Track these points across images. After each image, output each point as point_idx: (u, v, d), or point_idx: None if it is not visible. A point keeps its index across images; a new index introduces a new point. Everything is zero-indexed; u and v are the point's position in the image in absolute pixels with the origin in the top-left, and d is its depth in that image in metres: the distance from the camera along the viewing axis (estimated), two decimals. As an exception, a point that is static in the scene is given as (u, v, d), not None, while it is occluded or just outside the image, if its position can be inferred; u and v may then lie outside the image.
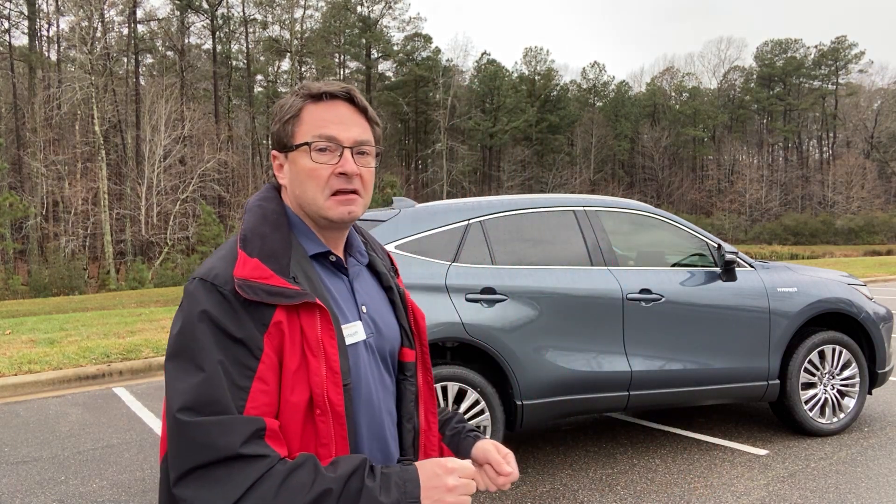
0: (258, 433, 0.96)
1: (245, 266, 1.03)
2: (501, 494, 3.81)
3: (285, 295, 1.01)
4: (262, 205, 1.15)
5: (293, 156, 1.14)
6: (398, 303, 1.28)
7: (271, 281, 1.02)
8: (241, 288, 1.00)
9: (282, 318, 1.01)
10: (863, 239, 54.44)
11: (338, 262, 1.17)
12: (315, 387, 1.02)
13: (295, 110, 1.14)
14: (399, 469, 1.03)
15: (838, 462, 4.17)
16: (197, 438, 0.94)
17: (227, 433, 0.94)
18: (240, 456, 0.93)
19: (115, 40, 42.26)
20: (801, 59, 70.64)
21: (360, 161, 1.14)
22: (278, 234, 1.10)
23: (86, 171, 35.77)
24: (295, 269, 1.07)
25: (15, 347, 8.56)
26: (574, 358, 4.03)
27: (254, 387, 0.98)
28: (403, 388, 1.23)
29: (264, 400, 0.99)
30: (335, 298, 1.13)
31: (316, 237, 1.16)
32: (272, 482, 0.94)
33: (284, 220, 1.13)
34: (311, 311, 1.04)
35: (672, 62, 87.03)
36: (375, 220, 4.07)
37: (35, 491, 4.11)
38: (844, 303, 4.70)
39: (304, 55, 49.67)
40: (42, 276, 28.04)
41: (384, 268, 1.30)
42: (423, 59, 58.71)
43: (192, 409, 0.95)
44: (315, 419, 1.02)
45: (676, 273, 4.44)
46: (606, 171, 68.18)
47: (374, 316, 1.19)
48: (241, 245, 1.06)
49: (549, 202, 4.40)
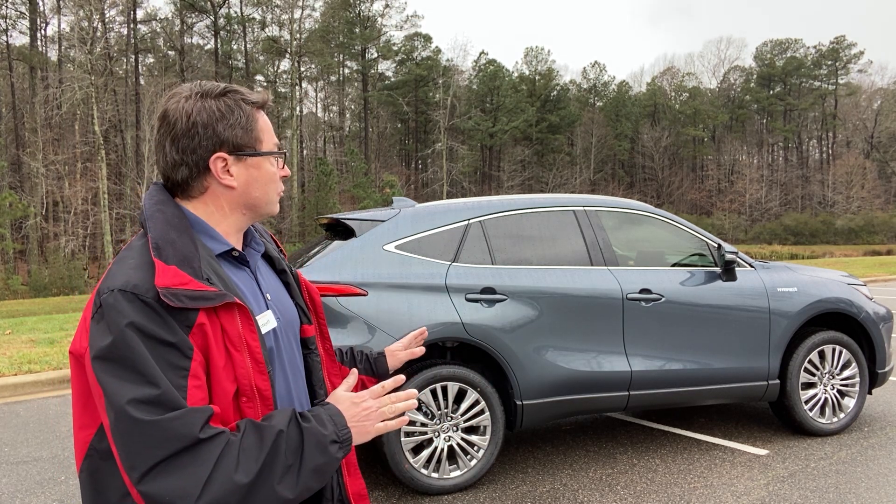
0: (209, 419, 1.04)
1: (165, 275, 1.06)
2: (501, 494, 3.82)
3: (206, 298, 1.07)
4: (162, 209, 1.17)
5: (256, 161, 1.21)
6: (292, 283, 1.38)
7: (191, 286, 1.06)
8: (166, 297, 1.04)
9: (204, 320, 1.07)
10: (863, 239, 54.44)
11: (240, 256, 1.24)
12: (242, 378, 1.10)
13: (252, 117, 1.21)
14: (323, 408, 1.15)
15: (838, 462, 4.17)
16: (157, 435, 0.99)
17: (186, 425, 1.00)
18: (199, 440, 1.00)
19: (115, 40, 42.25)
20: (801, 59, 70.66)
21: None
22: (185, 238, 1.13)
23: (86, 170, 35.78)
24: (206, 271, 1.11)
25: (15, 347, 8.56)
26: (574, 358, 4.03)
27: (189, 384, 1.04)
28: (311, 361, 1.35)
29: (199, 395, 1.06)
30: (244, 292, 1.19)
31: (218, 235, 1.21)
32: (232, 451, 1.02)
33: (186, 223, 1.16)
34: (230, 310, 1.10)
35: (672, 62, 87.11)
36: (375, 220, 4.06)
37: (35, 491, 4.11)
38: (844, 303, 4.70)
39: (303, 55, 49.63)
40: (42, 276, 28.03)
41: (275, 252, 1.38)
42: (423, 58, 58.69)
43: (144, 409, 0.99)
44: (241, 406, 1.11)
45: (676, 273, 4.44)
46: (606, 171, 68.17)
47: (276, 302, 1.28)
48: (155, 254, 1.09)
49: (548, 202, 4.40)
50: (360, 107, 61.32)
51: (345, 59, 58.55)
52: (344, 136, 60.69)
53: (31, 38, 40.20)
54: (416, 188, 55.34)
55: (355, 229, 4.02)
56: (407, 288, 3.80)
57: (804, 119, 71.96)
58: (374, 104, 59.79)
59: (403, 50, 59.12)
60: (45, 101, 35.67)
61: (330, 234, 4.36)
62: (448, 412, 3.85)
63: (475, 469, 3.89)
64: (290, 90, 49.67)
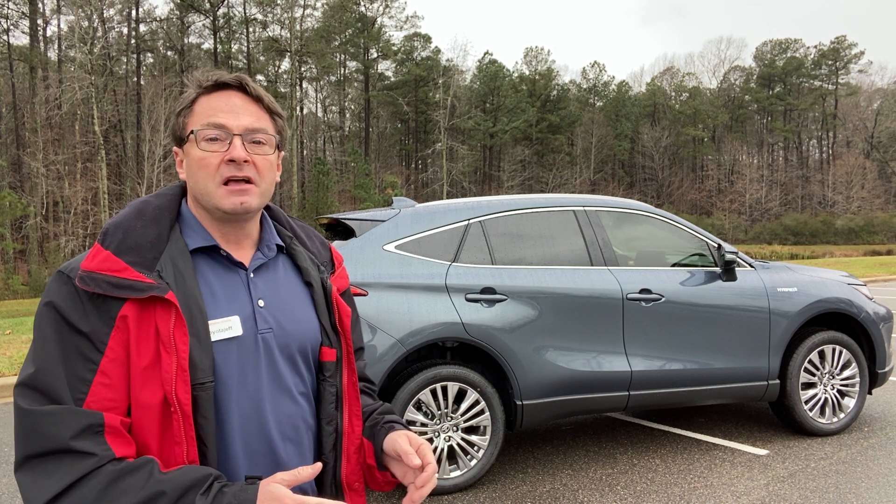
0: (94, 428, 0.94)
1: (94, 259, 1.01)
2: (501, 494, 3.82)
3: (134, 288, 0.99)
4: (148, 200, 1.12)
5: (186, 148, 1.12)
6: (319, 300, 1.21)
7: (121, 274, 1.00)
8: (82, 280, 0.99)
9: (129, 313, 0.99)
10: (863, 239, 54.44)
11: (228, 256, 1.13)
12: (165, 384, 0.98)
13: (188, 102, 1.12)
14: (238, 488, 0.96)
15: (838, 462, 4.17)
16: (29, 427, 0.93)
17: (56, 425, 0.92)
18: (70, 450, 0.92)
19: (115, 40, 42.26)
20: (801, 59, 70.65)
21: (255, 149, 1.11)
22: (152, 229, 1.07)
23: (86, 170, 35.78)
24: (164, 264, 1.04)
25: (15, 347, 8.56)
26: (574, 358, 4.03)
27: (95, 380, 0.96)
28: (322, 389, 1.18)
29: (107, 395, 0.97)
30: (213, 293, 1.08)
31: (205, 232, 1.12)
32: (96, 482, 0.91)
33: (167, 216, 1.10)
34: (167, 307, 1.00)
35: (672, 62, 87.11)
36: (375, 220, 4.06)
37: (35, 491, 4.10)
38: (844, 303, 4.70)
39: (303, 55, 49.64)
40: (42, 275, 28.04)
41: (308, 262, 1.24)
42: (423, 58, 58.68)
43: (28, 396, 0.95)
44: (171, 416, 0.99)
45: (676, 273, 4.44)
46: (606, 171, 68.16)
47: (276, 312, 1.14)
48: (99, 239, 1.05)
49: (548, 202, 4.40)
50: (361, 107, 61.34)
51: (345, 59, 58.55)
52: (344, 136, 60.70)
53: (31, 38, 40.19)
54: (416, 188, 55.34)
55: (355, 229, 4.02)
56: (407, 288, 3.80)
57: (804, 119, 71.96)
58: (374, 104, 59.80)
59: (403, 50, 59.11)
60: (45, 101, 35.66)
61: (330, 234, 4.37)
62: (448, 412, 3.85)
63: (475, 469, 3.89)
64: (290, 90, 49.67)
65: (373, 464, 1.22)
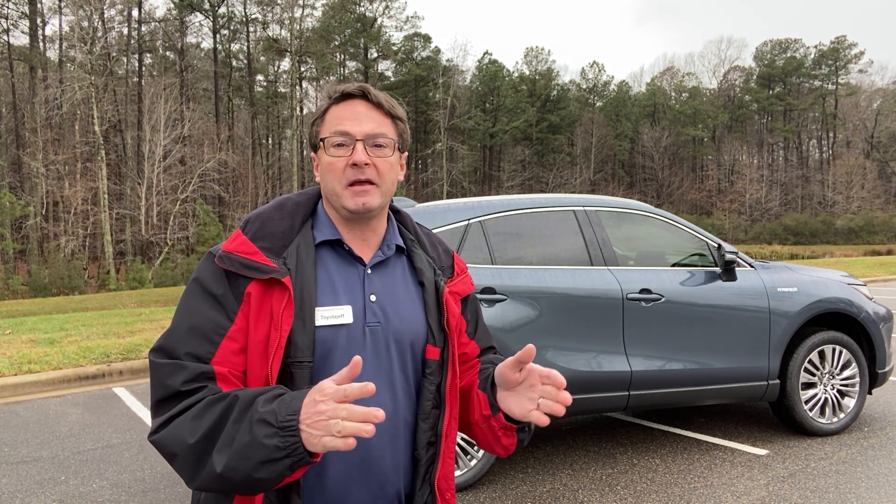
0: (204, 376, 1.08)
1: (233, 242, 1.18)
2: (501, 494, 3.82)
3: (259, 269, 1.13)
4: (291, 197, 1.27)
5: (319, 154, 1.23)
6: (430, 300, 1.27)
7: (252, 256, 1.14)
8: (220, 259, 1.15)
9: (253, 291, 1.13)
10: (863, 239, 54.43)
11: (351, 250, 1.23)
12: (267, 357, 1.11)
13: (320, 113, 1.24)
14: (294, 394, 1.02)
15: (838, 462, 4.17)
16: (155, 378, 1.10)
17: (174, 374, 1.07)
18: (181, 392, 1.07)
19: (115, 40, 42.25)
20: (801, 59, 70.64)
21: (376, 152, 1.20)
22: (286, 221, 1.21)
23: (86, 171, 35.76)
24: (290, 253, 1.17)
25: (15, 347, 8.55)
26: (574, 358, 4.03)
27: (223, 343, 1.11)
28: (423, 386, 1.23)
29: (231, 357, 1.11)
30: (332, 282, 1.19)
31: (333, 228, 1.23)
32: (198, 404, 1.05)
33: (302, 211, 1.24)
34: (283, 289, 1.13)
35: (672, 62, 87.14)
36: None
37: (35, 491, 4.10)
38: (844, 303, 4.70)
39: (303, 55, 49.63)
40: (42, 276, 28.02)
41: (425, 264, 1.30)
42: (423, 58, 58.67)
43: (158, 351, 1.12)
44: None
45: (676, 273, 4.44)
46: (606, 171, 68.14)
47: (386, 306, 1.21)
48: (241, 225, 1.21)
49: (549, 202, 4.40)
50: (360, 107, 61.13)
51: (345, 59, 58.54)
52: (344, 136, 60.51)
53: (31, 38, 40.17)
54: (416, 188, 55.32)
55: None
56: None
57: (804, 119, 71.95)
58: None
59: (403, 50, 59.10)
60: (45, 101, 35.64)
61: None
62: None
63: (475, 469, 3.89)
64: (290, 90, 49.67)
65: (488, 413, 1.23)
